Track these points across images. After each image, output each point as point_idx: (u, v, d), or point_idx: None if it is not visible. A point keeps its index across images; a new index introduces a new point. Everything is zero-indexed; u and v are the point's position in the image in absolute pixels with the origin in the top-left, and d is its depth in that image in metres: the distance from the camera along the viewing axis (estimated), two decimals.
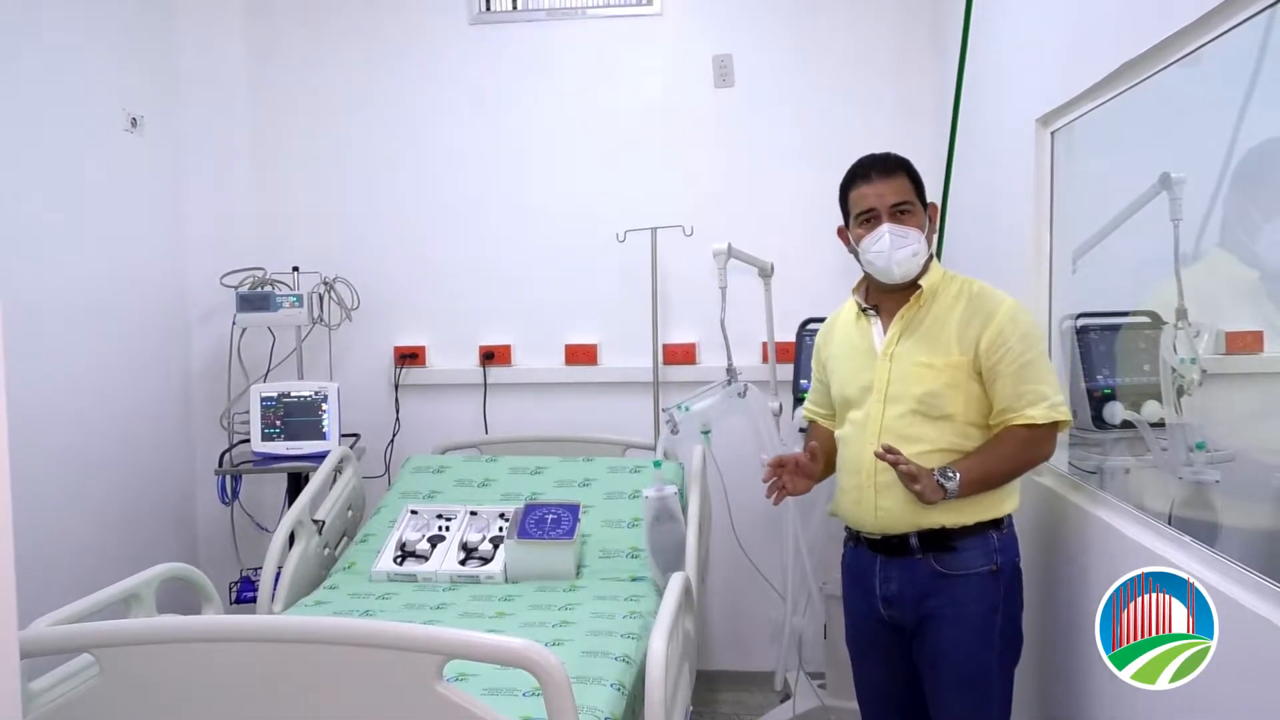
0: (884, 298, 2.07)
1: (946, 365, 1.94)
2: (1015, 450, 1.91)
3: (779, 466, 2.05)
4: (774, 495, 2.07)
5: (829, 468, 2.15)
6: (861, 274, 2.12)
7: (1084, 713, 1.95)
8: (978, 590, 1.92)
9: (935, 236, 2.07)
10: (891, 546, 1.98)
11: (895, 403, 1.96)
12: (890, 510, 1.95)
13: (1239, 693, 1.38)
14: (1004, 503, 1.96)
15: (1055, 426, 1.90)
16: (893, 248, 1.96)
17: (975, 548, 1.92)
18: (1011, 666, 1.97)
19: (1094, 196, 2.24)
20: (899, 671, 2.05)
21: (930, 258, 2.04)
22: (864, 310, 2.09)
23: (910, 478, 1.83)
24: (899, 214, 1.98)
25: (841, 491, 2.08)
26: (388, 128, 3.64)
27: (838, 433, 2.12)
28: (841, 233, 2.13)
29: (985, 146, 2.75)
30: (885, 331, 2.04)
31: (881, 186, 2.00)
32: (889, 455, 1.84)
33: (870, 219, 2.00)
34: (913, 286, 2.02)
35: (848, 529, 2.13)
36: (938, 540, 1.93)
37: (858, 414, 2.03)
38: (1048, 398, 1.89)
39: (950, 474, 1.85)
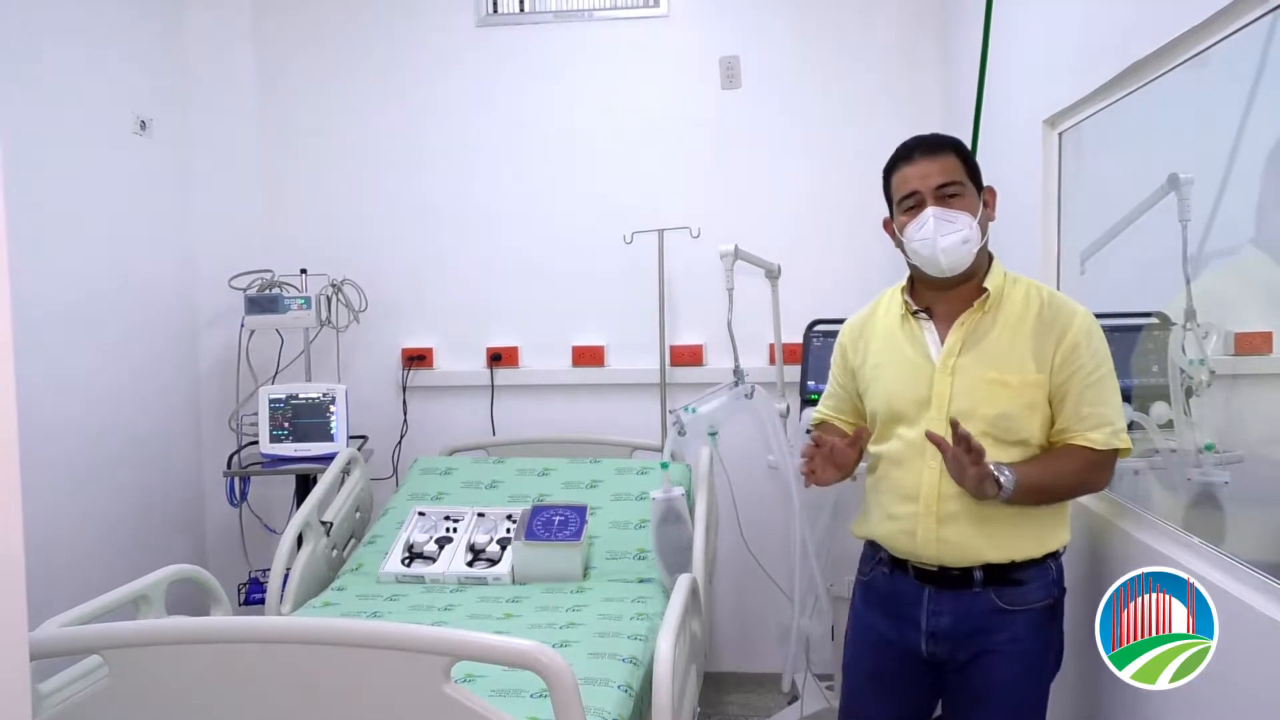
0: (937, 298, 1.84)
1: (1023, 384, 1.73)
2: (1076, 468, 1.72)
3: (817, 447, 1.81)
4: (807, 478, 1.83)
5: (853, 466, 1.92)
6: (906, 273, 1.92)
7: (1094, 715, 1.94)
8: (1036, 627, 1.77)
9: (990, 224, 1.85)
10: (951, 579, 1.77)
11: (962, 422, 1.69)
12: (956, 543, 1.74)
13: (1252, 697, 1.38)
14: (1064, 530, 1.80)
15: (1115, 454, 1.74)
16: (938, 233, 1.73)
17: (1036, 579, 1.76)
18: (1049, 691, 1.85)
19: (1102, 197, 2.24)
20: (914, 710, 1.91)
21: (988, 253, 1.84)
22: (914, 313, 1.85)
23: (976, 458, 1.61)
24: (945, 196, 1.76)
25: (888, 517, 1.84)
26: (395, 130, 3.65)
27: (882, 449, 1.87)
28: (887, 225, 1.91)
29: (993, 146, 2.74)
30: (941, 339, 1.81)
31: (926, 166, 1.78)
32: (958, 430, 1.62)
33: (914, 204, 1.79)
34: (968, 286, 1.81)
35: (881, 553, 1.90)
36: (1001, 573, 1.75)
37: (911, 432, 1.79)
38: (1112, 423, 1.72)
39: (1006, 471, 1.66)
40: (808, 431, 2.15)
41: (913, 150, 1.82)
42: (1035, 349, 1.75)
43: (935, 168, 1.78)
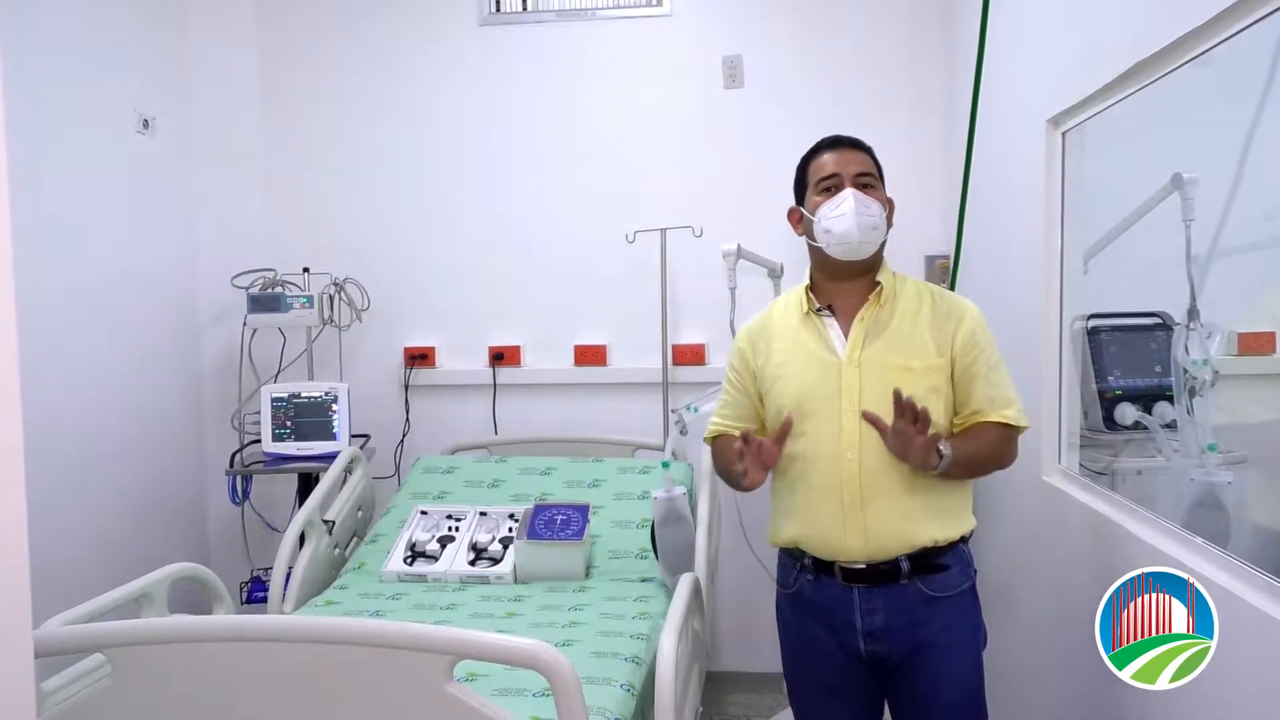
0: (838, 293, 1.90)
1: (927, 368, 1.81)
2: (995, 443, 1.82)
3: (746, 441, 1.76)
4: (747, 473, 1.77)
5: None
6: (808, 273, 1.96)
7: (1103, 714, 1.94)
8: (964, 611, 1.85)
9: (890, 229, 1.91)
10: (879, 574, 1.80)
11: (873, 410, 1.75)
12: (883, 531, 1.78)
13: (1255, 696, 1.37)
14: (971, 514, 1.88)
15: (1018, 431, 1.85)
16: (857, 211, 1.81)
17: (956, 564, 1.83)
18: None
19: (1105, 197, 2.23)
20: (867, 710, 1.92)
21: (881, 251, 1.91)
22: (817, 311, 1.90)
23: (923, 426, 1.65)
24: (863, 185, 1.86)
25: (810, 516, 1.84)
26: (398, 129, 3.65)
27: (794, 449, 1.85)
28: (793, 213, 1.98)
29: (996, 147, 2.74)
30: (844, 334, 1.86)
31: (848, 155, 1.89)
32: (903, 400, 1.65)
33: (832, 186, 1.86)
34: (866, 280, 1.89)
35: (804, 559, 1.89)
36: (925, 560, 1.80)
37: (822, 426, 1.81)
38: (1014, 402, 1.84)
39: (943, 441, 1.72)
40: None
41: (836, 142, 1.93)
42: (934, 335, 1.84)
43: (856, 159, 1.90)
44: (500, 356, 3.64)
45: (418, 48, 3.63)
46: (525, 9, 3.63)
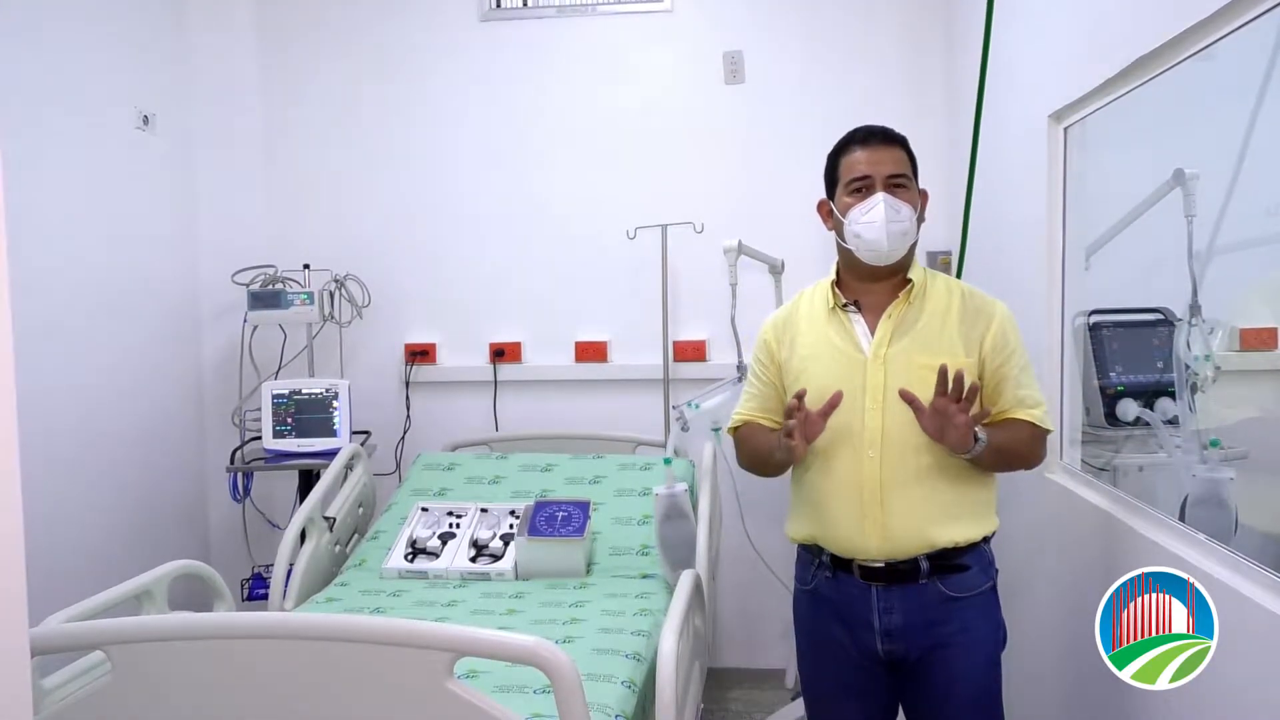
0: (864, 290, 1.88)
1: (955, 368, 1.73)
2: (1026, 437, 1.80)
3: (799, 400, 1.73)
4: (797, 436, 1.73)
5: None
6: (834, 268, 1.96)
7: (1105, 713, 1.94)
8: (983, 611, 1.83)
9: (922, 225, 1.88)
10: (898, 573, 1.78)
11: (898, 410, 1.74)
12: (903, 531, 1.76)
13: (1260, 692, 1.37)
14: (995, 515, 1.86)
15: (1046, 433, 1.83)
16: (887, 220, 1.78)
17: (976, 564, 1.81)
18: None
19: (1107, 193, 2.23)
20: (882, 709, 1.90)
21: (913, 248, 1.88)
22: (843, 306, 1.88)
23: (966, 404, 1.64)
24: (894, 187, 1.82)
25: (830, 511, 1.82)
26: (398, 125, 3.65)
27: (815, 443, 1.79)
28: (823, 206, 1.96)
29: (998, 142, 2.73)
30: (871, 330, 1.84)
31: (881, 154, 1.84)
32: (954, 374, 1.64)
33: (863, 188, 1.83)
34: (895, 279, 1.87)
35: (821, 557, 1.88)
36: (945, 561, 1.78)
37: (844, 422, 1.77)
38: (1041, 404, 1.82)
39: (980, 430, 1.70)
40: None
41: (869, 136, 1.87)
42: (963, 335, 1.82)
43: (889, 157, 1.84)
44: (501, 353, 3.63)
45: (418, 43, 3.63)
46: (525, 4, 3.62)
